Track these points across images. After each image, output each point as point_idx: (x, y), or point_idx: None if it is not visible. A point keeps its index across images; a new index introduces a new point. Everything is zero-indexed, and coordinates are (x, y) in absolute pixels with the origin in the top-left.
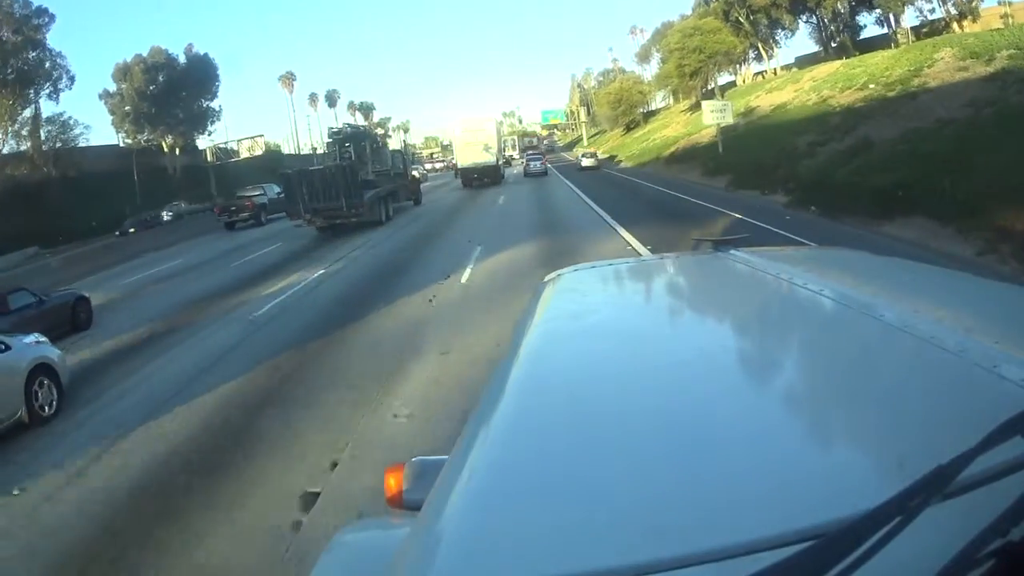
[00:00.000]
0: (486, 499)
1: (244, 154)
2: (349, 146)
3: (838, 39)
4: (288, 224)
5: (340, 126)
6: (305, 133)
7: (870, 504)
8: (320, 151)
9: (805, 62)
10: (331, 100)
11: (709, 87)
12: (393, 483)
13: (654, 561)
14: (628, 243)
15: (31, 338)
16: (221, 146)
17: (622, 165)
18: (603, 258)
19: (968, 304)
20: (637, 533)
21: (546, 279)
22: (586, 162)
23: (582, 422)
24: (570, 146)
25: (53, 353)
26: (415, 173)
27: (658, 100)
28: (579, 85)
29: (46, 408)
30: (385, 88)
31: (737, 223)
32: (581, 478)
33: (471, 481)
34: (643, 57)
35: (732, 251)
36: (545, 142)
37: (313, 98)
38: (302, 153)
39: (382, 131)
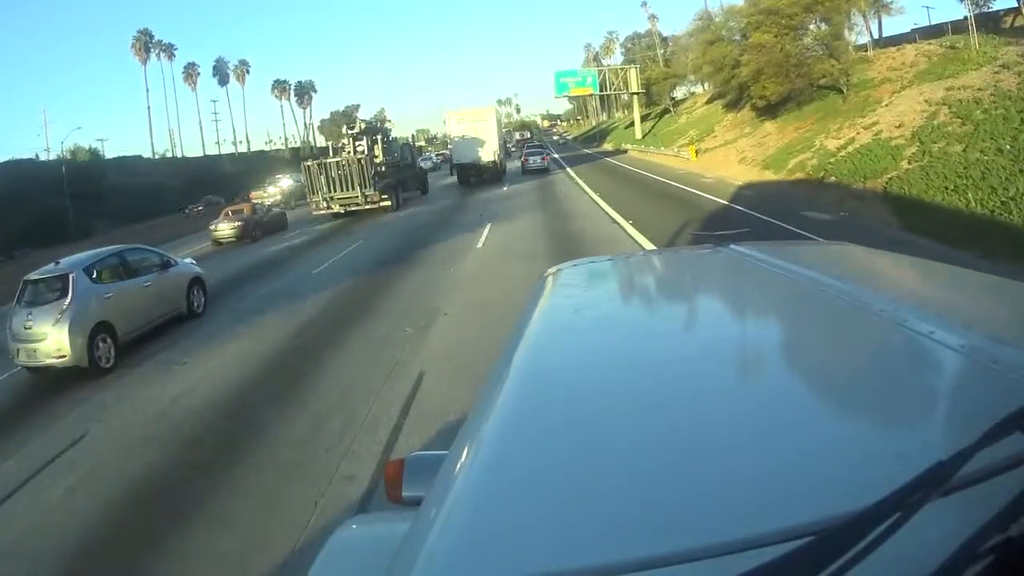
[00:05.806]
0: (486, 494)
1: None
2: (363, 139)
3: None
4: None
5: (352, 121)
6: (192, 124)
7: (870, 500)
8: (238, 151)
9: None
10: (221, 74)
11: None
12: (392, 478)
13: (653, 556)
14: None
15: (189, 259)
16: None
17: None
18: None
19: (969, 299)
20: (636, 528)
21: (546, 274)
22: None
23: (581, 417)
24: (591, 140)
25: (202, 272)
26: (423, 165)
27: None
28: (595, 57)
29: (197, 307)
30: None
31: None
32: (580, 473)
33: (470, 476)
34: None
35: (732, 245)
36: (554, 136)
37: (190, 70)
38: (165, 156)
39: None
